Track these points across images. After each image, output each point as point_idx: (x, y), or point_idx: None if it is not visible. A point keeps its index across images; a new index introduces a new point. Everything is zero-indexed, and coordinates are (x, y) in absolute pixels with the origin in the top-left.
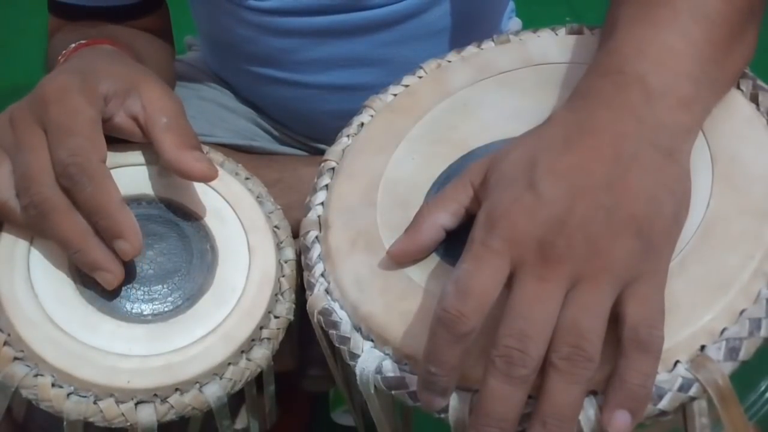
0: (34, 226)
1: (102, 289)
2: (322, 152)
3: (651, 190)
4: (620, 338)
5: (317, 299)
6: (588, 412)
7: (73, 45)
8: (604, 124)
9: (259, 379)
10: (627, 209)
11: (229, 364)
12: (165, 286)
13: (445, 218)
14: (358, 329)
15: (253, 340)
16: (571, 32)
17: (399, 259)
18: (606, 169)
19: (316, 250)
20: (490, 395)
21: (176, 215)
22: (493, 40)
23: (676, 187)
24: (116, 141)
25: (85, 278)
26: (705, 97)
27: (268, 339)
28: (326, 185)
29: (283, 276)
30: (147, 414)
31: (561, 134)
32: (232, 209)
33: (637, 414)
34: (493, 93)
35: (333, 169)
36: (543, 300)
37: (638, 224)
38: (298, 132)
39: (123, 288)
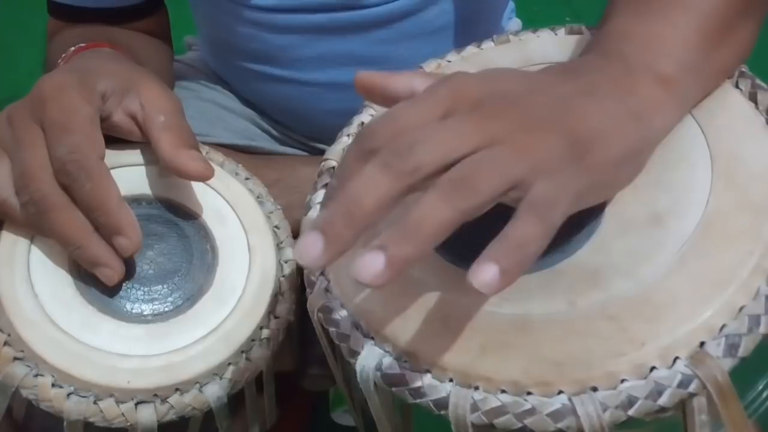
0: (33, 223)
1: (102, 287)
2: (321, 152)
3: (603, 128)
4: (518, 207)
5: (317, 297)
6: (588, 409)
7: (73, 48)
8: (584, 74)
9: (259, 379)
10: (574, 123)
11: (229, 364)
12: (165, 286)
13: (419, 83)
14: (357, 327)
15: (253, 340)
16: (570, 32)
17: (361, 83)
18: (572, 92)
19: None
20: (358, 176)
21: (176, 215)
22: (492, 40)
23: (630, 141)
24: (116, 141)
25: (85, 277)
26: (688, 81)
27: (268, 339)
28: (326, 184)
29: (283, 276)
30: (147, 414)
31: (543, 70)
32: (232, 209)
33: (505, 273)
34: None
35: (333, 168)
36: (457, 130)
37: (577, 139)
38: (298, 131)
39: (123, 288)
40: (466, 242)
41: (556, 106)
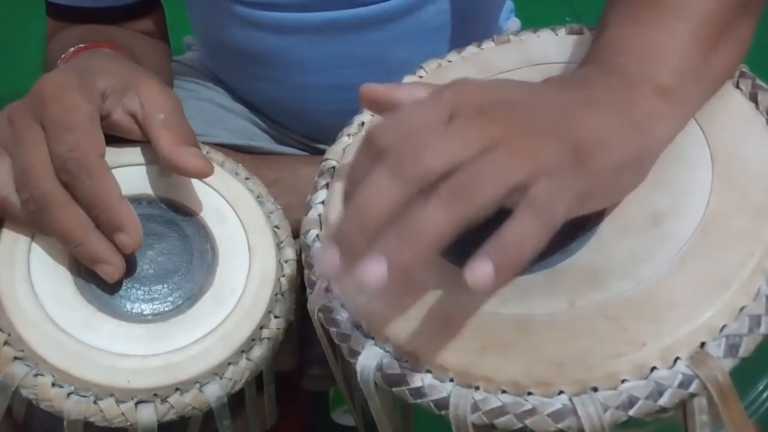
0: (34, 221)
1: (102, 286)
2: (320, 152)
3: (605, 136)
4: (518, 206)
5: (318, 297)
6: (588, 409)
7: (73, 49)
8: (583, 86)
9: (259, 379)
10: (575, 131)
11: (229, 363)
12: (165, 285)
13: (422, 93)
14: (358, 327)
15: (253, 340)
16: (571, 32)
17: (365, 96)
18: (573, 104)
19: (317, 249)
20: (367, 184)
21: (176, 215)
22: (493, 40)
23: (631, 150)
24: (117, 141)
25: (85, 277)
26: (688, 89)
27: (268, 339)
28: (327, 184)
29: (284, 276)
30: (147, 414)
31: (544, 81)
32: (233, 209)
33: (501, 270)
34: None
35: (334, 168)
36: (460, 134)
37: (578, 146)
38: (296, 131)
39: (123, 288)
40: (466, 242)
41: (558, 114)
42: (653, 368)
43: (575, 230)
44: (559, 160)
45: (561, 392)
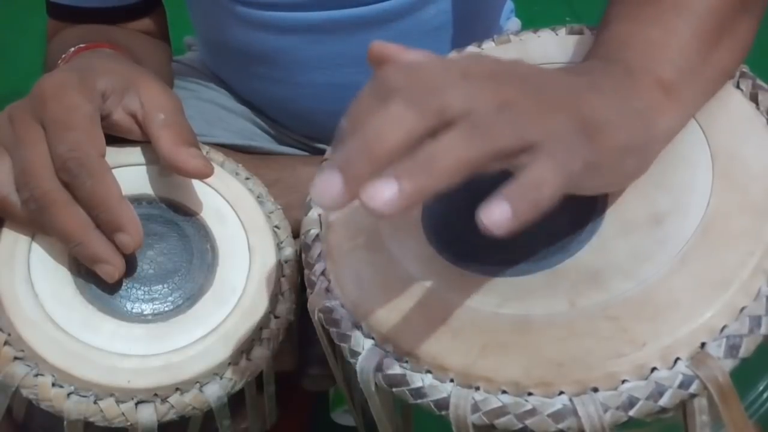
0: (34, 220)
1: (103, 286)
2: (321, 152)
3: (612, 118)
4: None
5: (318, 297)
6: (589, 410)
7: (73, 49)
8: (588, 74)
9: (259, 379)
10: (584, 109)
11: (229, 363)
12: (165, 285)
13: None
14: (358, 327)
15: (253, 340)
16: (571, 32)
17: (374, 53)
18: (581, 86)
19: (317, 249)
20: (381, 111)
21: (177, 215)
22: (493, 40)
23: (636, 135)
24: (117, 141)
25: (86, 277)
26: (689, 85)
27: (268, 339)
28: None
29: (284, 276)
30: (147, 414)
31: (550, 69)
32: (233, 209)
33: (517, 212)
34: None
35: None
36: (475, 86)
37: (585, 122)
38: (297, 131)
39: (123, 288)
40: (466, 242)
41: (567, 95)
42: (653, 368)
43: (575, 230)
44: (570, 131)
45: (561, 392)
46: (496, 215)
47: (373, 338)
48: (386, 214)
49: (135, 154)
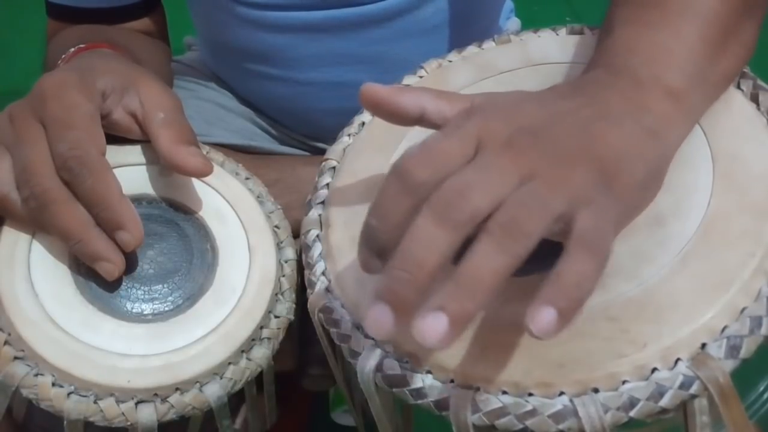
0: (34, 218)
1: (103, 286)
2: (320, 151)
3: (626, 149)
4: (567, 244)
5: (318, 297)
6: (589, 410)
7: (73, 49)
8: (595, 95)
9: (259, 379)
10: (598, 150)
11: (230, 363)
12: (165, 285)
13: (430, 103)
14: (358, 327)
15: (253, 339)
16: (571, 32)
17: (366, 96)
18: (590, 119)
19: (317, 249)
20: (414, 235)
21: (177, 215)
22: (493, 40)
23: (652, 160)
24: (117, 141)
25: (86, 276)
26: (696, 91)
27: (269, 339)
28: (327, 184)
29: (284, 276)
30: (147, 413)
31: (556, 93)
32: (233, 209)
33: (564, 315)
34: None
35: (334, 168)
36: (498, 168)
37: (604, 166)
38: (296, 131)
39: (124, 287)
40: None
41: (578, 134)
42: (654, 369)
43: None
44: (592, 186)
45: (562, 393)
46: (544, 323)
47: (373, 338)
48: (444, 346)
49: (135, 153)
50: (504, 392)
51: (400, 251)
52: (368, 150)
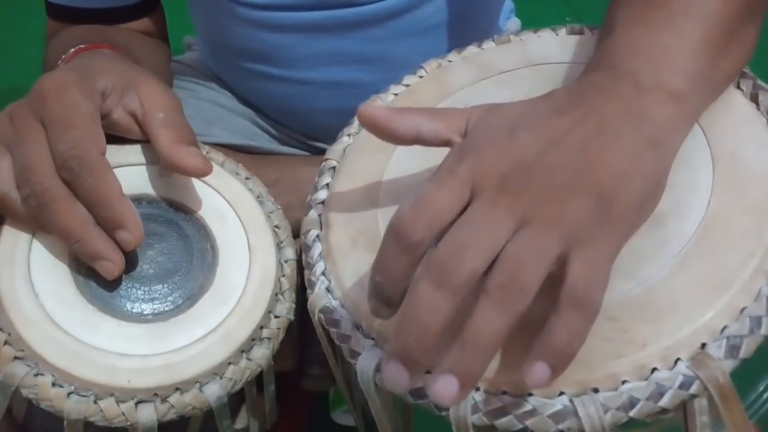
0: (34, 218)
1: (103, 286)
2: (320, 151)
3: (624, 169)
4: (558, 295)
5: (318, 297)
6: (589, 410)
7: (73, 49)
8: (594, 104)
9: (259, 379)
10: (595, 175)
11: (230, 363)
12: (165, 285)
13: (425, 125)
14: (358, 327)
15: (253, 339)
16: (571, 32)
17: (363, 118)
18: (586, 137)
19: (317, 249)
20: (416, 301)
21: (177, 215)
22: (493, 40)
23: (651, 175)
24: (117, 141)
25: (86, 276)
26: (698, 93)
27: (269, 339)
28: (327, 184)
29: (284, 276)
30: (147, 413)
31: (553, 105)
32: (233, 209)
33: (556, 370)
34: (493, 93)
35: (334, 168)
36: (491, 220)
37: (601, 192)
38: (296, 130)
39: (124, 287)
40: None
41: (574, 161)
42: (654, 369)
43: None
44: (588, 221)
45: (562, 393)
46: (538, 377)
47: (373, 338)
48: (458, 402)
49: (135, 153)
50: (504, 392)
51: (405, 316)
52: (368, 150)
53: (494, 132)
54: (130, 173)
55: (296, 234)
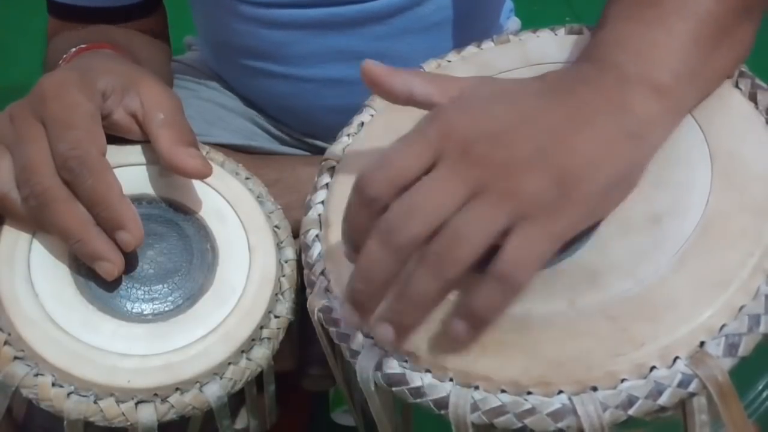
0: (34, 218)
1: (103, 286)
2: (321, 150)
3: (592, 156)
4: (489, 267)
5: (318, 297)
6: (588, 409)
7: (74, 49)
8: (577, 92)
9: (259, 379)
10: (559, 157)
11: (230, 363)
12: (165, 285)
13: (418, 87)
14: (358, 327)
15: (253, 339)
16: (570, 32)
17: (365, 73)
18: (561, 120)
19: (317, 249)
20: (366, 254)
21: (177, 215)
22: (492, 40)
23: (621, 167)
24: (117, 141)
25: (86, 276)
26: (684, 89)
27: (269, 339)
28: (327, 184)
29: (284, 276)
30: (147, 413)
31: (541, 86)
32: (233, 209)
33: (471, 329)
34: None
35: (333, 168)
36: (445, 188)
37: (562, 174)
38: (297, 129)
39: (124, 287)
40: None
41: (542, 139)
42: (653, 368)
43: None
44: (541, 197)
45: (560, 392)
46: (457, 332)
47: (372, 338)
48: (395, 348)
49: (135, 153)
50: (503, 391)
51: (357, 263)
52: (367, 150)
53: (474, 102)
54: (130, 173)
55: (296, 234)
